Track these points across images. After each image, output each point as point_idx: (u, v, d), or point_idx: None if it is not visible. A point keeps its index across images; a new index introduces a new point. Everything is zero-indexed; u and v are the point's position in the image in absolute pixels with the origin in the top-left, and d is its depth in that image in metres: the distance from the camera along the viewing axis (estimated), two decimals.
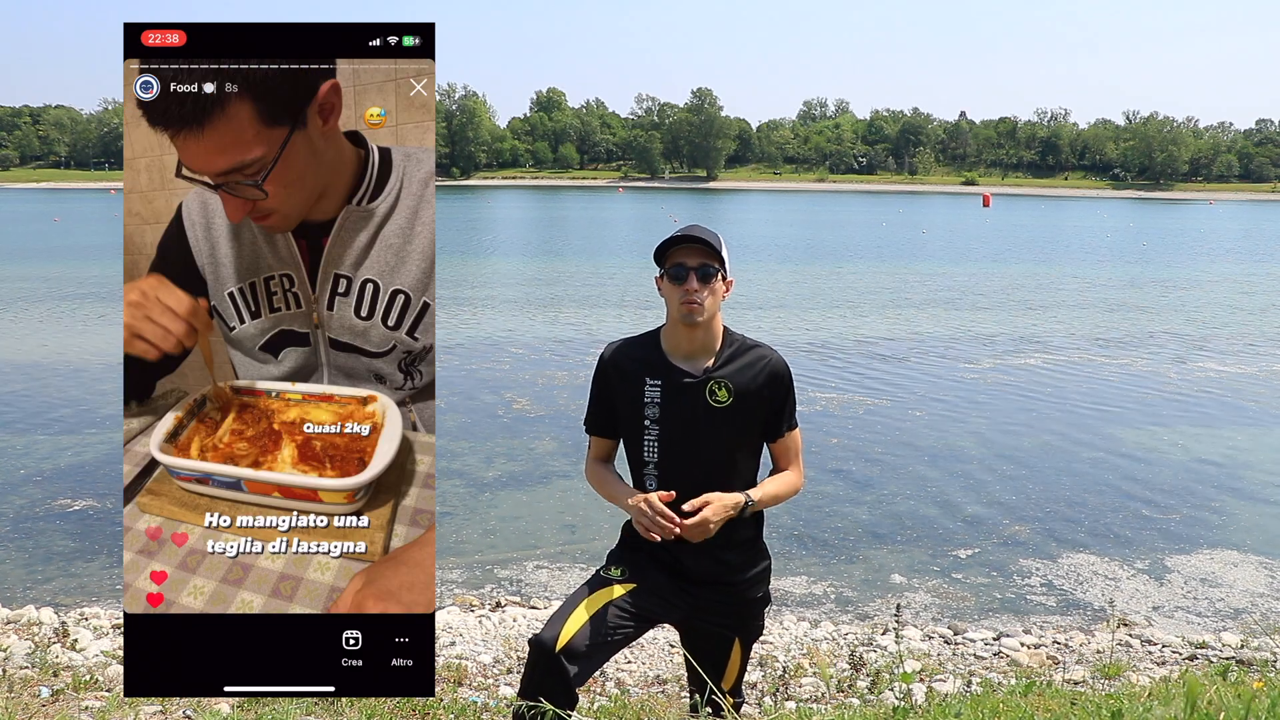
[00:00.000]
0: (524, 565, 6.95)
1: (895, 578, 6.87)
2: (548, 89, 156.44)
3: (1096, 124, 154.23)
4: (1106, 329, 18.49)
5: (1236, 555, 7.31)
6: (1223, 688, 2.71)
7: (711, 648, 2.86)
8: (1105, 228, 56.96)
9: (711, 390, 2.70)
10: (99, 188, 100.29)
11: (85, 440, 9.84)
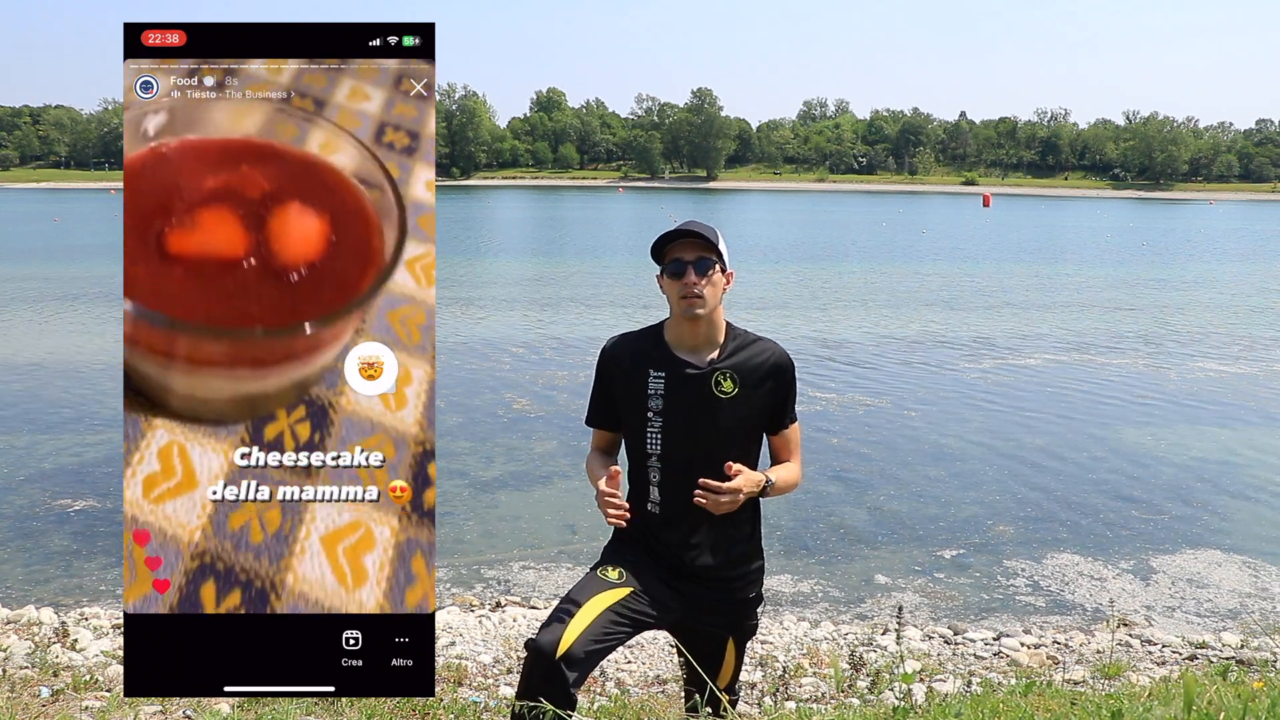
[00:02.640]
0: (524, 565, 6.95)
1: (895, 578, 6.87)
2: (548, 89, 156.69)
3: (1096, 124, 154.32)
4: (1106, 329, 18.49)
5: (1236, 555, 7.31)
6: (1222, 688, 2.71)
7: (706, 648, 2.86)
8: (1105, 228, 56.97)
9: (717, 381, 2.72)
10: (99, 188, 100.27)
11: (85, 440, 9.84)
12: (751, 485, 2.66)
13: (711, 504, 2.62)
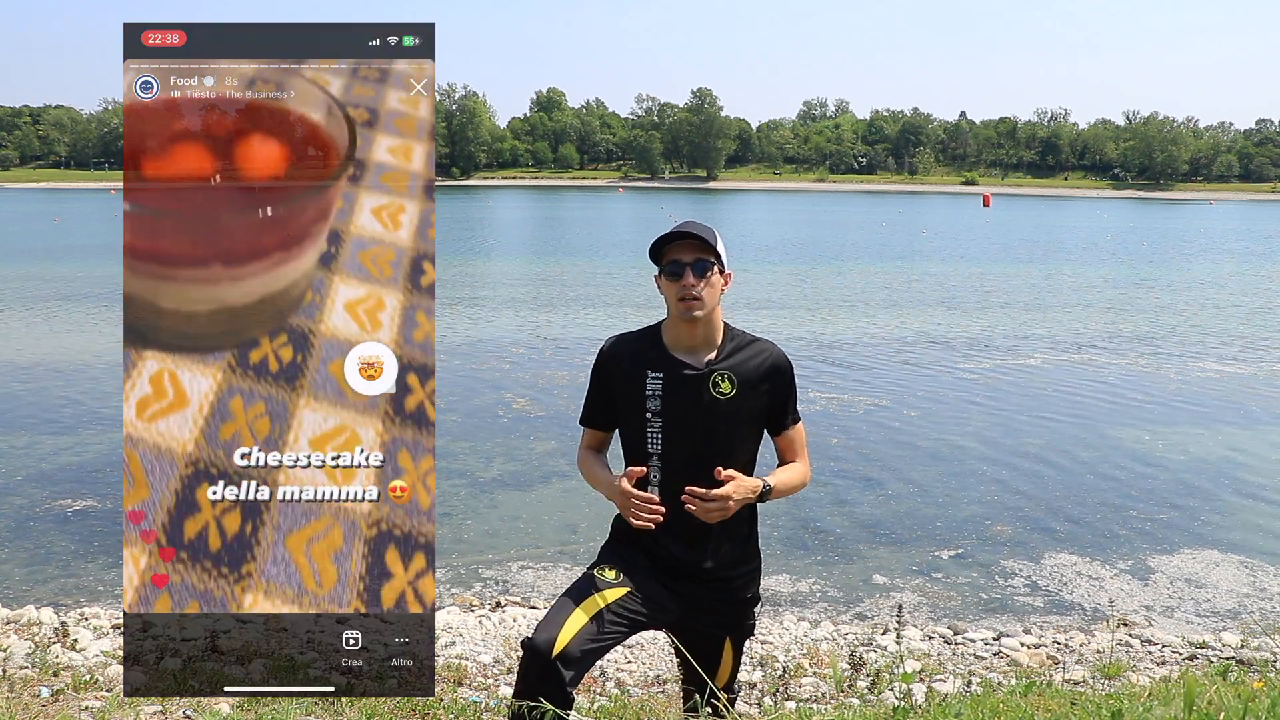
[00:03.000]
0: (524, 565, 6.95)
1: (895, 578, 6.87)
2: (548, 89, 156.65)
3: (1096, 124, 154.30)
4: (1106, 329, 18.50)
5: (1235, 555, 7.31)
6: (1222, 688, 2.71)
7: (704, 647, 2.86)
8: (1105, 228, 56.97)
9: (715, 382, 2.71)
10: (99, 188, 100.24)
11: (85, 440, 9.84)
12: (745, 492, 2.64)
13: (700, 512, 2.61)
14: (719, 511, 2.62)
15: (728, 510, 2.62)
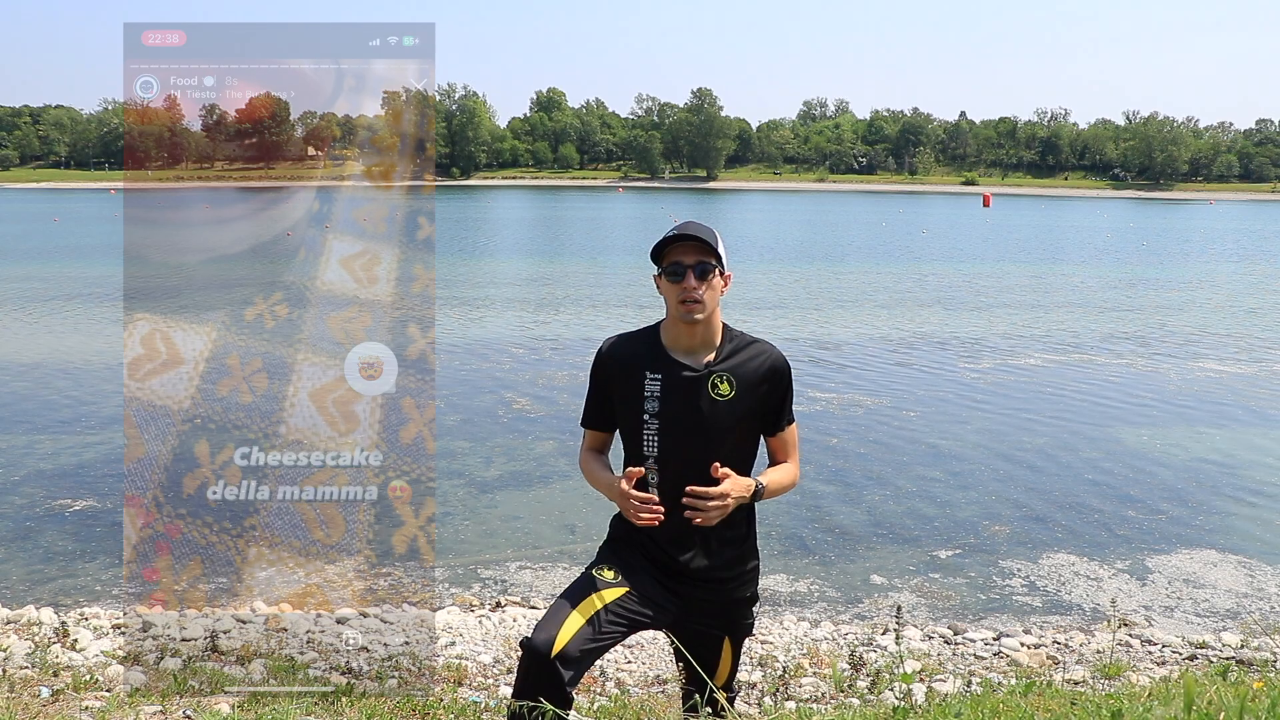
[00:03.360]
0: (524, 565, 6.95)
1: (894, 578, 6.88)
2: (548, 89, 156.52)
3: (1096, 124, 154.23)
4: (1105, 329, 18.50)
5: (1235, 555, 7.31)
6: (1222, 688, 2.71)
7: (703, 647, 2.86)
8: (1105, 228, 56.97)
9: (714, 383, 2.71)
10: (99, 188, 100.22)
11: (85, 440, 9.84)
12: (741, 490, 2.65)
13: (701, 517, 2.62)
14: (718, 511, 2.62)
15: (726, 508, 2.63)
